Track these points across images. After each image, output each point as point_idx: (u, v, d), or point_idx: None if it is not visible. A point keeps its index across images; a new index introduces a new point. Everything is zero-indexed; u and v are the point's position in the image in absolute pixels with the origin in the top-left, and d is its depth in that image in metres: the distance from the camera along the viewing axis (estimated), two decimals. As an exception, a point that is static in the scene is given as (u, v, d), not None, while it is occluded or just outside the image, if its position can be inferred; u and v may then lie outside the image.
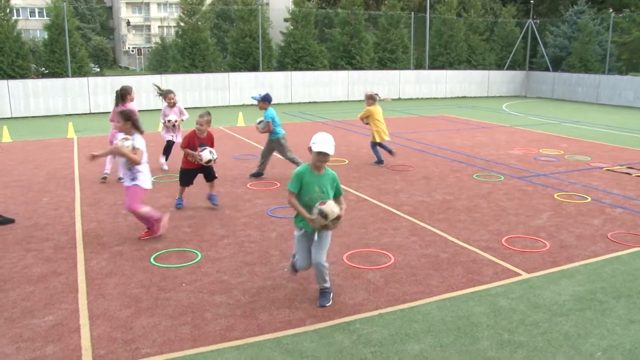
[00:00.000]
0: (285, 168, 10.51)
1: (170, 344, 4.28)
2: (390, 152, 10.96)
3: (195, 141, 7.82)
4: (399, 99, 26.12)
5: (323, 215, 4.64)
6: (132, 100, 9.26)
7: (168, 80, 21.18)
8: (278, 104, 22.98)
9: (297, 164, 9.31)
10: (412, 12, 28.61)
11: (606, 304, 5.08)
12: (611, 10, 33.69)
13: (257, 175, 9.79)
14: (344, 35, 26.55)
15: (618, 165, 11.10)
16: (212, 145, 7.94)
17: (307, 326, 4.58)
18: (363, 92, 24.78)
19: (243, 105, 22.17)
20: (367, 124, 11.11)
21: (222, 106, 22.18)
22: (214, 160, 7.84)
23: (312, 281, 5.43)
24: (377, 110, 10.89)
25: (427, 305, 4.98)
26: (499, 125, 17.18)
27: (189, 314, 4.77)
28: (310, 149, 4.81)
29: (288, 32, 25.98)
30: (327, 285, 4.99)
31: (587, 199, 8.60)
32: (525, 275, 5.69)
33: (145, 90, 20.66)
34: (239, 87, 22.64)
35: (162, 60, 39.24)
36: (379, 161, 10.92)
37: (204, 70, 23.46)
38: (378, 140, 10.88)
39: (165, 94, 10.52)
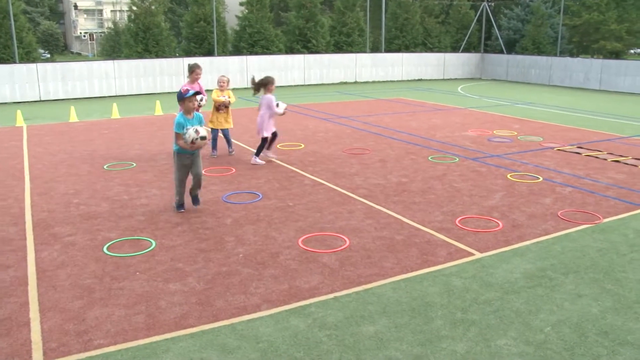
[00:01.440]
0: (240, 154, 10.44)
1: (124, 334, 4.21)
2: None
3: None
4: (356, 82, 26.16)
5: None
6: (197, 77, 9.94)
7: (121, 66, 20.74)
8: (234, 89, 22.73)
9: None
10: (368, -5, 28.62)
11: (556, 280, 5.21)
12: (562, -7, 34.29)
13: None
14: (300, 18, 26.37)
15: (568, 145, 11.36)
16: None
17: (263, 311, 4.57)
18: (319, 76, 24.97)
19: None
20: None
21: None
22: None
23: (267, 266, 5.42)
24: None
25: (382, 287, 5.02)
26: (454, 108, 17.38)
27: (143, 303, 4.70)
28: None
29: (243, 16, 25.65)
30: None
31: (539, 178, 8.79)
32: (478, 255, 5.78)
33: (97, 77, 20.20)
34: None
35: (115, 45, 38.42)
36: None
37: (157, 56, 23.01)
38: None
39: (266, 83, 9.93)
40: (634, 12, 29.11)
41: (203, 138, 6.73)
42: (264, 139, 9.69)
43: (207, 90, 10.88)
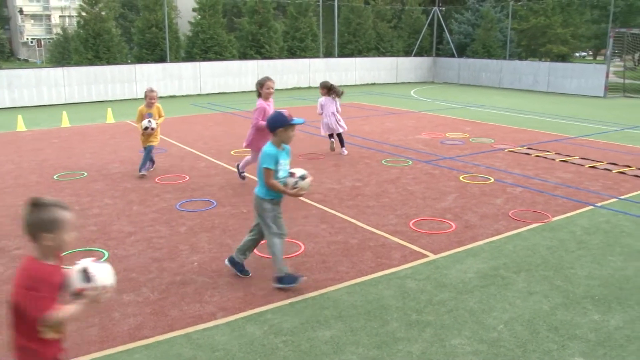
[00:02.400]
0: (194, 161, 10.35)
1: (77, 348, 4.11)
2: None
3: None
4: (309, 87, 26.22)
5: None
6: (270, 92, 8.35)
7: (71, 73, 20.29)
8: (187, 96, 22.56)
9: None
10: (321, 0, 28.74)
11: (508, 279, 5.33)
12: (510, -2, 35.15)
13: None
14: (253, 24, 26.30)
15: (519, 147, 11.63)
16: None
17: (218, 320, 4.53)
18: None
19: (151, 98, 21.57)
20: None
21: (130, 99, 21.49)
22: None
23: (222, 274, 5.38)
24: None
25: (337, 292, 5.04)
26: (407, 111, 17.60)
27: (96, 315, 4.60)
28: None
29: (196, 22, 25.43)
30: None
31: (490, 179, 8.97)
32: (432, 257, 5.86)
33: (46, 84, 19.72)
34: (146, 79, 21.96)
35: (65, 52, 37.55)
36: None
37: (109, 62, 22.60)
38: None
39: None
40: (578, 17, 30.07)
41: (303, 178, 5.15)
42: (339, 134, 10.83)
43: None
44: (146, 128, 9.05)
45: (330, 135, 11.06)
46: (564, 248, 6.13)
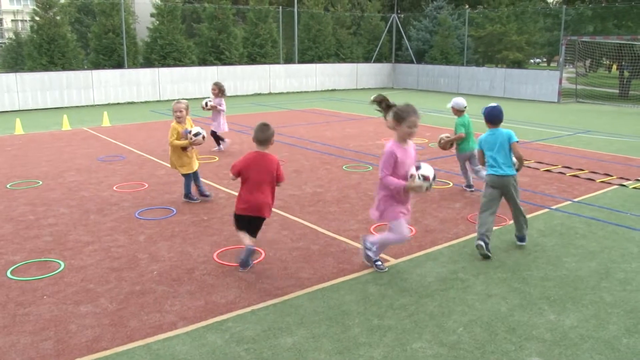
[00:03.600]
0: (154, 169, 10.22)
1: (31, 362, 4.01)
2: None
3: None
4: (270, 93, 26.20)
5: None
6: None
7: (24, 79, 19.83)
8: (146, 102, 22.29)
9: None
10: (280, 7, 28.76)
11: (467, 282, 5.41)
12: (467, 6, 35.72)
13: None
14: (212, 30, 26.14)
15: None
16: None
17: (179, 329, 4.47)
18: (233, 88, 24.79)
19: (108, 105, 21.25)
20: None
21: (86, 105, 21.12)
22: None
23: (183, 283, 5.32)
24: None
25: (299, 298, 5.03)
26: (367, 117, 17.71)
27: (52, 328, 4.49)
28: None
29: (154, 27, 25.14)
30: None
31: (449, 184, 9.10)
32: (393, 261, 5.91)
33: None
34: (104, 85, 21.64)
35: (18, 57, 36.57)
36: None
37: (64, 68, 22.12)
38: None
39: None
40: (532, 24, 30.74)
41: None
42: None
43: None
44: (197, 134, 7.75)
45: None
46: (520, 250, 6.26)
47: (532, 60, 43.22)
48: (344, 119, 17.33)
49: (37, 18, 22.50)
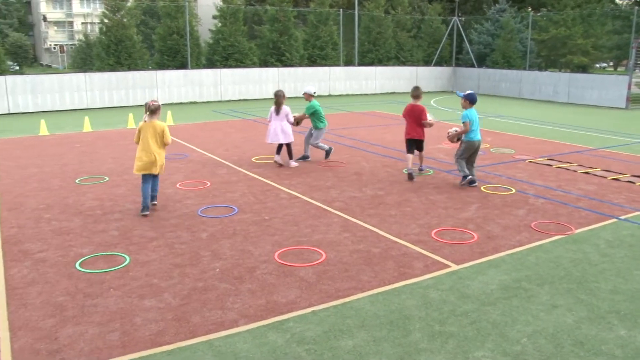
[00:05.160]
0: (215, 167, 10.38)
1: (98, 352, 4.13)
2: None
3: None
4: (330, 95, 26.26)
5: None
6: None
7: (93, 79, 20.53)
8: (208, 102, 22.71)
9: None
10: (341, 9, 28.83)
11: (531, 291, 5.26)
12: (530, 9, 34.99)
13: None
14: (274, 32, 26.44)
15: (540, 157, 11.54)
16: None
17: (240, 327, 4.52)
18: (294, 89, 24.99)
19: (172, 104, 21.75)
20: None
21: (150, 105, 21.66)
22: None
23: (244, 281, 5.38)
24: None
25: (359, 301, 5.01)
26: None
27: (118, 320, 4.62)
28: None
29: (217, 29, 25.64)
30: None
31: (512, 190, 8.89)
32: (454, 267, 5.82)
33: (68, 90, 19.96)
34: (167, 85, 22.19)
35: (87, 58, 37.95)
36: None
37: (130, 69, 22.83)
38: None
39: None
40: (599, 27, 29.82)
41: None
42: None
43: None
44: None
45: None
46: (587, 261, 6.05)
47: (597, 65, 41.88)
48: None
49: (105, 20, 23.31)
